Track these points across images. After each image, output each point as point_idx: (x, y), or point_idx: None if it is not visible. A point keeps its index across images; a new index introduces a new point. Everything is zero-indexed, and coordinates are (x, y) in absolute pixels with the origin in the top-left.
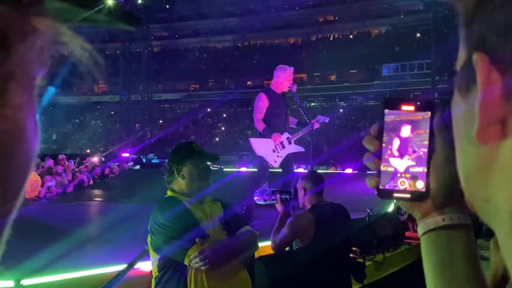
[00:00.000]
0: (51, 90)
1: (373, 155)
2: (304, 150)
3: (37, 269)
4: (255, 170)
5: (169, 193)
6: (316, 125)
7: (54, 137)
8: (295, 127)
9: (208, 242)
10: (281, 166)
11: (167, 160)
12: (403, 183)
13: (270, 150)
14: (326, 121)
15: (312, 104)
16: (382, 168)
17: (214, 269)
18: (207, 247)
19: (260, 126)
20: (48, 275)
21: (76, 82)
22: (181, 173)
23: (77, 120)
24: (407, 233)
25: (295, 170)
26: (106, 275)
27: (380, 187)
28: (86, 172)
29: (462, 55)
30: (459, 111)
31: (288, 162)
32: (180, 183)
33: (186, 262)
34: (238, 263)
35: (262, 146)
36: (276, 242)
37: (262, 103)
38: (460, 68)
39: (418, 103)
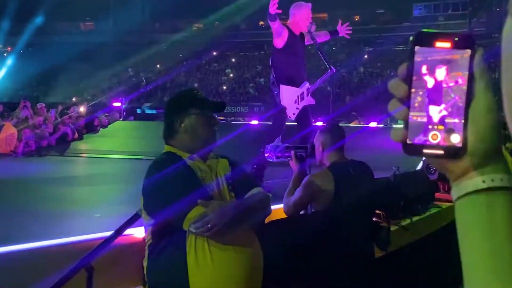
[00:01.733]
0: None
1: (400, 102)
2: (314, 103)
3: (6, 235)
4: (268, 123)
5: (167, 148)
6: (332, 70)
7: (34, 83)
8: (328, 37)
9: (212, 204)
10: (297, 119)
11: (165, 110)
12: (435, 137)
13: (293, 100)
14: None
15: (334, 48)
16: (411, 118)
17: (219, 236)
18: (211, 210)
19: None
20: (19, 243)
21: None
22: (182, 124)
23: (60, 64)
24: (437, 195)
25: (313, 124)
26: (90, 243)
27: (408, 141)
28: (70, 124)
29: None
30: None
31: (305, 114)
32: (181, 137)
33: (185, 227)
34: (247, 229)
35: (289, 95)
36: (289, 205)
37: (283, 32)
38: None
39: (456, 39)
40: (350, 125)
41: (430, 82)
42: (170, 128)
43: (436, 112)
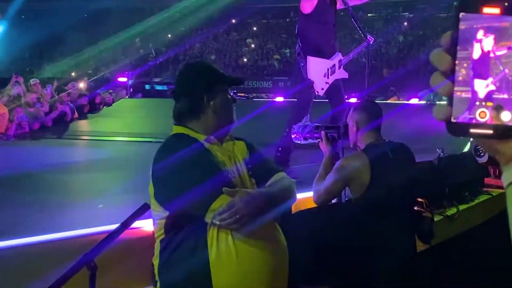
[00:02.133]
0: None
1: (443, 76)
2: (347, 76)
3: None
4: (295, 100)
5: (177, 129)
6: (370, 41)
7: (26, 56)
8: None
9: (240, 192)
10: (327, 95)
11: (183, 85)
12: (483, 115)
13: (322, 73)
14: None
15: (369, 15)
16: (455, 94)
17: (245, 228)
18: (239, 199)
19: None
20: (10, 237)
21: None
22: (212, 103)
23: (57, 33)
24: (486, 180)
25: (346, 100)
26: (92, 238)
27: (452, 119)
28: (68, 102)
29: None
30: None
31: (337, 89)
32: (207, 118)
33: (208, 219)
34: (272, 220)
35: (316, 69)
36: (320, 193)
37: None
38: None
39: (506, 4)
40: (388, 101)
41: (476, 53)
42: (194, 106)
43: (482, 86)
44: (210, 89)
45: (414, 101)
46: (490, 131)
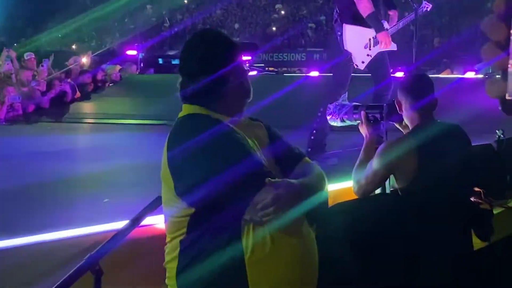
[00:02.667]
0: None
1: (498, 47)
2: (396, 49)
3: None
4: (331, 75)
5: (191, 108)
6: (425, 7)
7: (19, 25)
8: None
9: (285, 183)
10: (369, 68)
11: (199, 59)
12: None
13: (362, 45)
14: (428, 9)
15: None
16: (511, 68)
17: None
18: (285, 191)
19: (368, 5)
20: (6, 237)
21: None
22: (231, 78)
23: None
24: None
25: (391, 75)
26: (97, 238)
27: (508, 96)
28: (69, 80)
29: None
30: None
31: (381, 63)
32: (231, 97)
33: (247, 216)
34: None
35: (355, 39)
36: (361, 183)
37: None
38: None
39: None
40: (440, 76)
41: None
42: (213, 84)
43: None
44: (230, 62)
45: (470, 75)
46: None
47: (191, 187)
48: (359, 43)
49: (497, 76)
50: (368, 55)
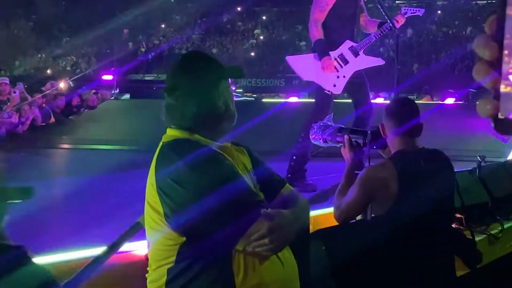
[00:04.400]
0: None
1: (489, 66)
2: (384, 62)
3: None
4: (312, 101)
5: (178, 133)
6: (401, 20)
7: None
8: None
9: (281, 214)
10: (348, 92)
11: (188, 81)
12: None
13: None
14: (419, 13)
15: (398, 1)
16: (503, 87)
17: (274, 253)
18: (284, 221)
19: (315, 33)
20: None
21: None
22: (219, 102)
23: (30, 24)
24: None
25: (373, 101)
26: (75, 263)
27: (500, 115)
28: (43, 104)
29: None
30: None
31: (360, 86)
32: (215, 119)
33: (240, 247)
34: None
35: (310, 65)
36: (341, 208)
37: None
38: None
39: None
40: (420, 101)
41: None
42: (202, 107)
43: None
44: (217, 85)
45: (450, 100)
46: None
47: (182, 214)
48: (317, 69)
49: (489, 96)
50: (338, 77)
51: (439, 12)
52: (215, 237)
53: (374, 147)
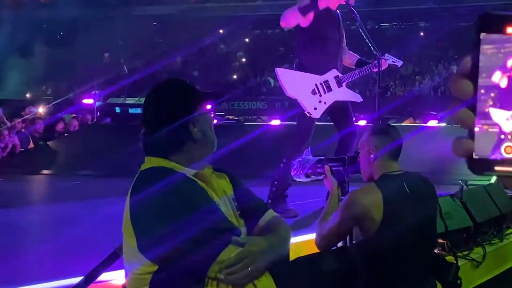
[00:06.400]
0: None
1: (464, 105)
2: (361, 100)
3: None
4: (294, 123)
5: (154, 161)
6: (384, 65)
7: None
8: (353, 67)
9: (252, 241)
10: (331, 115)
11: (162, 111)
12: (510, 150)
13: (309, 90)
14: (397, 64)
15: (382, 24)
16: (478, 127)
17: (246, 281)
18: (257, 249)
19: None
20: None
21: None
22: (195, 129)
23: (8, 47)
24: None
25: (354, 124)
26: None
27: (475, 156)
28: (22, 129)
29: None
30: None
31: (343, 111)
32: (192, 147)
33: (212, 273)
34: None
35: (297, 82)
36: (324, 234)
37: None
38: None
39: None
40: (402, 124)
41: (503, 81)
42: (177, 135)
43: (504, 118)
44: (193, 112)
45: (433, 123)
46: None
47: (153, 242)
48: (303, 88)
49: (464, 135)
50: (320, 101)
51: (422, 34)
52: (186, 264)
53: (354, 173)
